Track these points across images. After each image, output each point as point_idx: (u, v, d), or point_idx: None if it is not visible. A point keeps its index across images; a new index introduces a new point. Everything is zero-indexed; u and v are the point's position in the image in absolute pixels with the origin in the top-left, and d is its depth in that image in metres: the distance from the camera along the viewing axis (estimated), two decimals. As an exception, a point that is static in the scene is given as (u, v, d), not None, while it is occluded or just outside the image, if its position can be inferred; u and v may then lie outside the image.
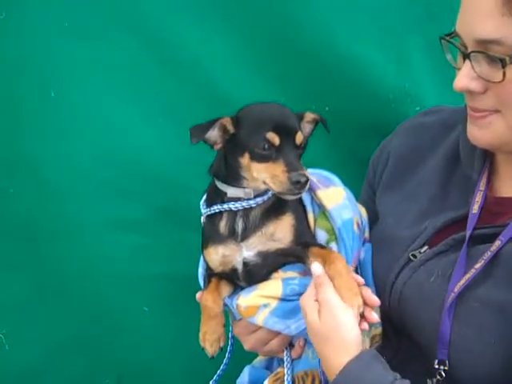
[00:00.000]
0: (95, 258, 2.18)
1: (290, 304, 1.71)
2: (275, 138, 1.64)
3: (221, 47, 2.10)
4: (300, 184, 1.61)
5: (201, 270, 1.87)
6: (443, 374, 1.62)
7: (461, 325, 1.60)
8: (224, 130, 1.69)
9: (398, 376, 1.56)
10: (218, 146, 1.72)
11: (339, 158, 2.22)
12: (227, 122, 1.69)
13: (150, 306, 2.21)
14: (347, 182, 1.94)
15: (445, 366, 1.61)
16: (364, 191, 2.07)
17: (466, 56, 1.55)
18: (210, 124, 1.67)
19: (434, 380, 1.63)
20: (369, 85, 2.15)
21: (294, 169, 1.62)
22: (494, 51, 1.49)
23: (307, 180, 1.62)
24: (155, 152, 2.15)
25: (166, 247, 2.20)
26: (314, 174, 1.84)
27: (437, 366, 1.62)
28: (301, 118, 1.76)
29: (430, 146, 1.88)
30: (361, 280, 1.65)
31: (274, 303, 1.71)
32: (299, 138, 1.67)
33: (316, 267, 1.64)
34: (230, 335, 1.90)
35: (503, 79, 1.49)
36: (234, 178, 1.72)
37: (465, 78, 1.56)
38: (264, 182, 1.67)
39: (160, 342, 2.24)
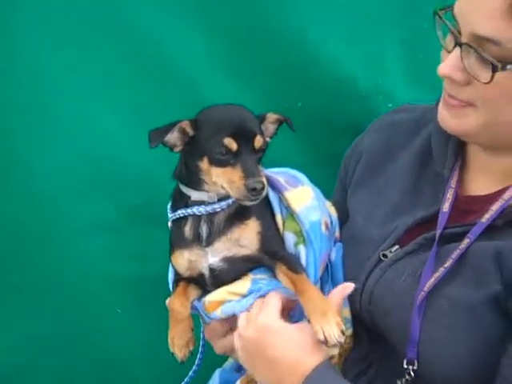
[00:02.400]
0: (70, 257, 2.14)
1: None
2: (233, 144, 1.62)
3: (195, 48, 2.07)
4: (256, 191, 1.60)
5: (171, 276, 1.84)
6: (412, 374, 1.60)
7: (430, 324, 1.58)
8: (183, 132, 1.68)
9: None
10: (177, 149, 1.70)
11: (312, 156, 2.20)
12: (186, 124, 1.67)
13: (123, 308, 2.18)
14: (320, 181, 1.92)
15: (413, 365, 1.60)
16: (336, 191, 2.05)
17: (458, 44, 1.50)
18: (169, 127, 1.66)
19: (403, 380, 1.62)
20: (342, 82, 2.13)
21: (251, 175, 1.61)
22: (489, 50, 1.45)
23: (263, 187, 1.61)
24: (127, 152, 2.12)
25: (137, 247, 2.17)
26: (281, 174, 1.82)
27: (406, 366, 1.60)
28: (262, 119, 1.74)
29: (402, 144, 1.86)
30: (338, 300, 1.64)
31: (237, 298, 1.70)
32: (258, 142, 1.65)
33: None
34: (201, 338, 1.87)
35: (489, 82, 1.46)
36: (195, 182, 1.71)
37: (451, 66, 1.52)
38: (222, 187, 1.65)
39: (133, 343, 2.21)
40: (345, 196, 1.97)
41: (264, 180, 1.62)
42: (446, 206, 1.66)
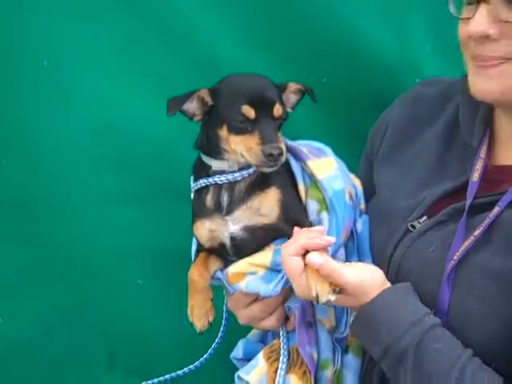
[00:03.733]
0: (89, 231, 2.14)
1: (277, 274, 1.69)
2: (250, 111, 1.63)
3: (215, 17, 2.06)
4: (273, 156, 1.60)
5: (194, 247, 1.85)
6: None
7: (461, 294, 1.58)
8: (202, 101, 1.69)
9: (431, 311, 1.56)
10: (197, 118, 1.72)
11: (338, 130, 2.18)
12: (205, 93, 1.68)
13: (145, 279, 2.17)
14: (346, 157, 1.92)
15: None
16: (362, 165, 2.04)
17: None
18: (187, 96, 1.67)
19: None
20: (368, 56, 2.11)
21: (269, 141, 1.61)
22: None
23: (281, 153, 1.61)
24: (150, 125, 2.11)
25: (161, 220, 2.16)
26: (304, 145, 1.83)
27: None
28: (283, 88, 1.74)
29: (429, 117, 1.85)
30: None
31: (261, 271, 1.70)
32: (277, 110, 1.65)
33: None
34: (224, 310, 1.88)
35: None
36: (216, 151, 1.72)
37: (482, 22, 1.51)
38: (241, 155, 1.66)
39: (154, 315, 2.20)
40: (371, 170, 1.97)
41: (282, 146, 1.62)
42: (475, 176, 1.66)
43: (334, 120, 2.18)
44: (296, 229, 1.64)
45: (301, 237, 1.57)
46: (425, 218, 1.71)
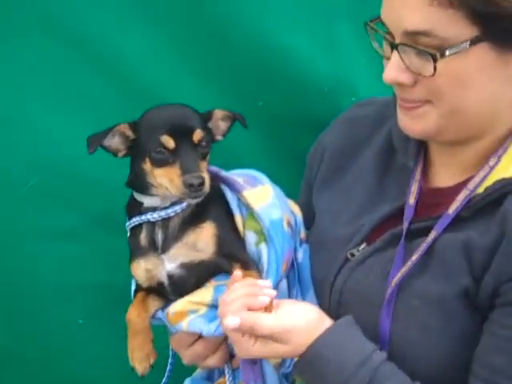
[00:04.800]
0: (25, 268, 2.08)
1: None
2: (170, 141, 1.59)
3: (146, 42, 2.01)
4: (194, 187, 1.57)
5: (133, 287, 1.79)
6: None
7: (400, 321, 1.54)
8: (124, 136, 1.65)
9: (378, 347, 1.52)
10: (121, 154, 1.68)
11: (277, 155, 2.15)
12: (125, 128, 1.65)
13: (86, 318, 2.12)
14: (286, 181, 1.88)
15: None
16: (303, 190, 1.99)
17: (393, 47, 1.47)
18: (106, 132, 1.63)
19: None
20: (302, 77, 2.07)
21: (189, 171, 1.58)
22: (424, 43, 1.42)
23: (202, 182, 1.57)
24: (86, 156, 2.04)
25: (101, 256, 2.10)
26: (240, 175, 1.79)
27: None
28: (209, 116, 1.71)
29: (365, 139, 1.82)
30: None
31: (202, 309, 1.65)
32: (197, 136, 1.61)
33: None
34: (170, 349, 1.82)
35: (434, 74, 1.42)
36: (145, 187, 1.67)
37: (394, 70, 1.49)
38: (166, 188, 1.62)
39: (96, 356, 2.15)
40: (311, 196, 1.92)
41: (204, 175, 1.59)
42: (411, 199, 1.62)
43: (273, 143, 2.14)
44: (235, 275, 1.59)
45: (241, 293, 1.52)
46: (364, 245, 1.67)
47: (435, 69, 1.41)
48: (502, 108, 1.52)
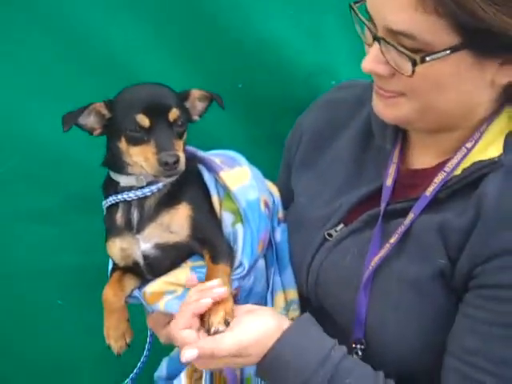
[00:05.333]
0: (5, 250, 2.06)
1: None
2: (145, 120, 1.59)
3: (128, 26, 1.99)
4: (169, 165, 1.56)
5: (110, 266, 1.79)
6: (360, 354, 1.58)
7: (377, 303, 1.56)
8: (99, 114, 1.64)
9: (336, 342, 1.53)
10: (97, 132, 1.67)
11: (256, 137, 2.14)
12: (100, 106, 1.64)
13: (64, 299, 2.11)
14: (265, 163, 1.88)
15: (362, 344, 1.57)
16: (282, 172, 2.00)
17: (375, 38, 1.47)
18: (81, 110, 1.62)
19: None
20: (284, 60, 2.06)
21: (163, 149, 1.57)
22: (405, 44, 1.41)
23: (176, 160, 1.56)
24: (62, 137, 2.01)
25: (78, 237, 2.09)
26: (218, 155, 1.79)
27: (353, 345, 1.58)
28: (186, 96, 1.70)
29: (344, 121, 1.83)
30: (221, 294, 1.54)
31: (179, 290, 1.65)
32: (173, 115, 1.61)
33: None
34: (148, 328, 1.82)
35: (412, 75, 1.43)
36: (120, 166, 1.67)
37: (372, 61, 1.49)
38: (141, 166, 1.61)
39: (75, 336, 2.14)
40: (290, 177, 1.93)
41: (179, 153, 1.58)
42: (389, 181, 1.63)
43: (252, 126, 2.14)
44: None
45: (192, 300, 1.53)
46: (341, 225, 1.68)
47: (413, 72, 1.42)
48: (473, 106, 1.53)
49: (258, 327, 1.53)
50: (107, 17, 1.98)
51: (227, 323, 1.52)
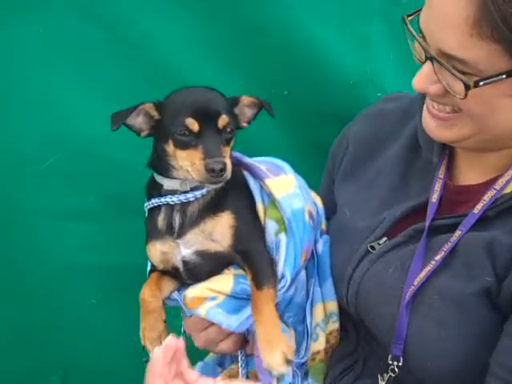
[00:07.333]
0: (40, 249, 2.08)
1: (238, 301, 1.64)
2: (194, 124, 1.57)
3: (175, 27, 2.01)
4: (215, 172, 1.54)
5: (149, 268, 1.78)
6: (396, 370, 1.56)
7: (419, 319, 1.54)
8: (148, 116, 1.63)
9: None
10: (144, 133, 1.66)
11: (299, 146, 2.15)
12: (150, 107, 1.63)
13: (99, 298, 2.12)
14: (308, 172, 1.87)
15: (398, 361, 1.55)
16: (324, 182, 1.99)
17: (428, 57, 1.45)
18: (131, 110, 1.62)
19: (386, 376, 1.57)
20: (330, 69, 2.07)
21: (211, 156, 1.55)
22: (458, 68, 1.40)
23: (223, 168, 1.55)
24: (106, 137, 2.03)
25: (116, 237, 2.11)
26: (263, 163, 1.77)
27: (390, 362, 1.56)
28: (236, 102, 1.68)
29: (390, 134, 1.81)
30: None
31: (221, 298, 1.64)
32: (222, 121, 1.59)
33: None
34: (181, 330, 1.80)
35: (464, 98, 1.41)
36: (166, 168, 1.66)
37: (424, 80, 1.48)
38: (187, 171, 1.60)
39: (109, 336, 2.15)
40: (332, 187, 1.92)
41: (226, 160, 1.57)
42: (434, 197, 1.62)
43: (296, 134, 2.15)
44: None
45: None
46: (385, 238, 1.66)
47: (466, 95, 1.40)
48: None
49: None
50: (161, 21, 2.00)
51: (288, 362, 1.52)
